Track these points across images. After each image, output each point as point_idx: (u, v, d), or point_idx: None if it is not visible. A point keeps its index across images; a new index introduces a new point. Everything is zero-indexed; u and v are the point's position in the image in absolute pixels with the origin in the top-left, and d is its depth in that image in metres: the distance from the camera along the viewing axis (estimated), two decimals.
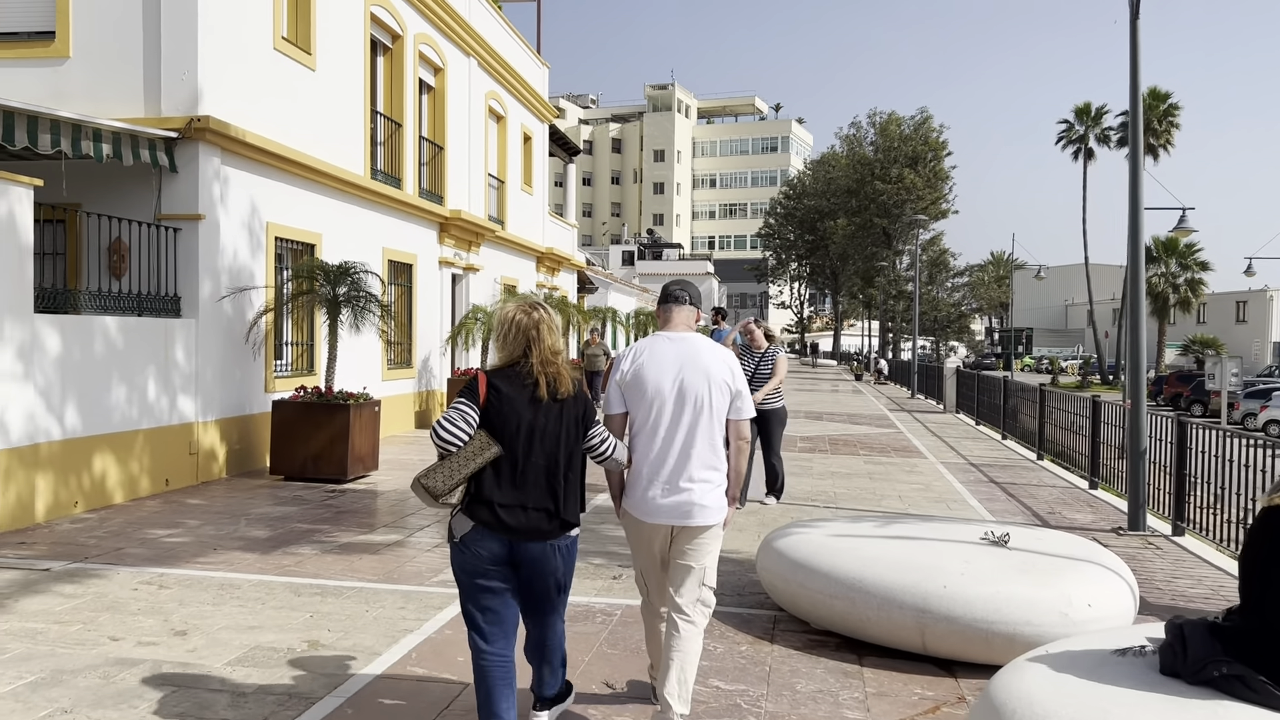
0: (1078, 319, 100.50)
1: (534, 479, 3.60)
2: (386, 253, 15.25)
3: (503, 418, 3.57)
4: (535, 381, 3.62)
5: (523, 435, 3.58)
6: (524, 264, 23.24)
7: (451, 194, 18.01)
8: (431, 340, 17.09)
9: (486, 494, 3.55)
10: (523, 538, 3.59)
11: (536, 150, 24.16)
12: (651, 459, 4.03)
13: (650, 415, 4.03)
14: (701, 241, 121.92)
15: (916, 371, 30.83)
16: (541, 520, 3.61)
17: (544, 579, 3.70)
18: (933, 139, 58.11)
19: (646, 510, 4.03)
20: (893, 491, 11.27)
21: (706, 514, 4.03)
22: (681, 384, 4.02)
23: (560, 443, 3.66)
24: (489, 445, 3.54)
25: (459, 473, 3.49)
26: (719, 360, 4.12)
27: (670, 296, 4.23)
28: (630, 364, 4.10)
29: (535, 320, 3.67)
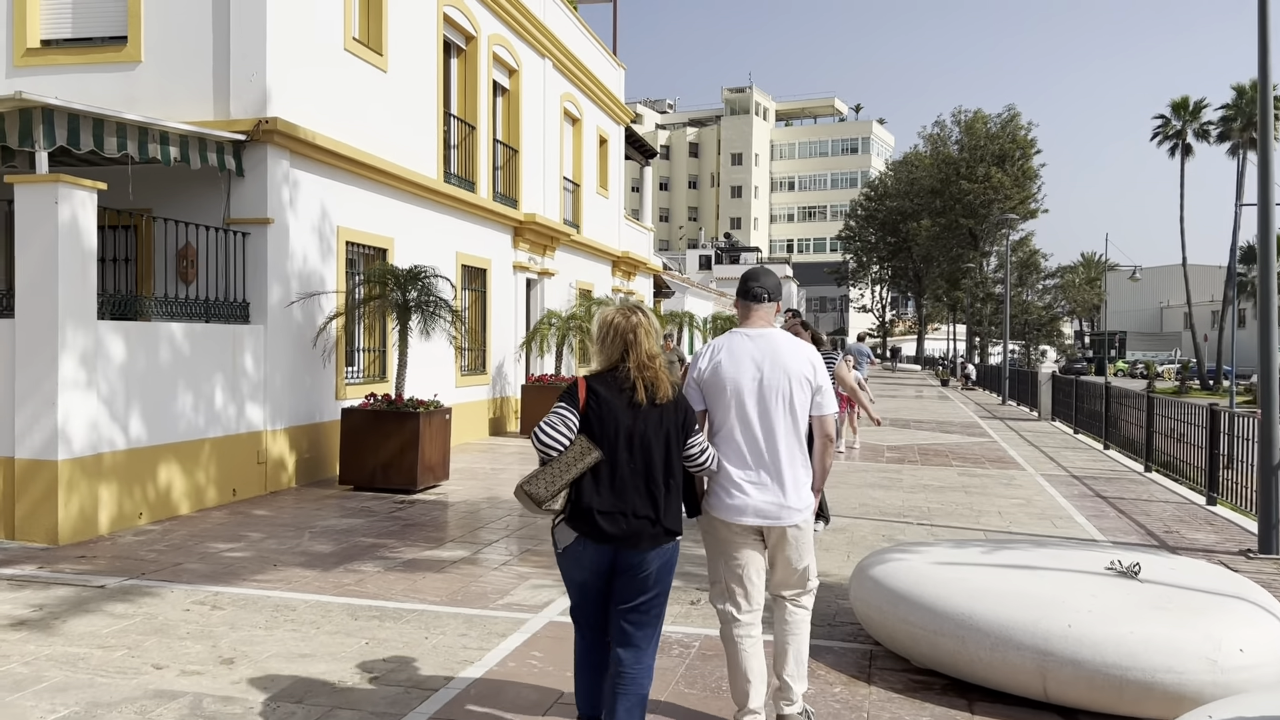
0: (1173, 322, 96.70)
1: (634, 485, 3.55)
2: (460, 257, 14.99)
3: (602, 423, 3.54)
4: (633, 386, 3.58)
5: (622, 440, 3.54)
6: (599, 268, 22.87)
7: (526, 197, 17.71)
8: (506, 346, 16.80)
9: (586, 501, 3.50)
10: (623, 545, 3.53)
11: (612, 153, 23.79)
12: (735, 459, 3.94)
13: (730, 413, 3.96)
14: (780, 245, 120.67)
15: (1008, 377, 29.61)
16: (643, 527, 3.54)
17: (639, 588, 3.61)
18: (1020, 137, 56.20)
19: (732, 511, 3.94)
20: (991, 507, 10.53)
21: (794, 513, 3.96)
22: (762, 381, 3.95)
23: (660, 448, 3.60)
24: (589, 450, 3.50)
25: (561, 478, 3.45)
26: (799, 355, 4.03)
27: (749, 294, 4.12)
28: (708, 361, 4.03)
29: (633, 324, 3.64)
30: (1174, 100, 62.32)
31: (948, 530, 9.09)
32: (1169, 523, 9.87)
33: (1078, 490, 11.96)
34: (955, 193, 55.90)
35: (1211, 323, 73.73)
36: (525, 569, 7.22)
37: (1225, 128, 59.75)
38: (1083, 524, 9.66)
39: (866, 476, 12.60)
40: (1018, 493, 11.58)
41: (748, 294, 4.11)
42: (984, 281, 56.04)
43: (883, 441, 17.03)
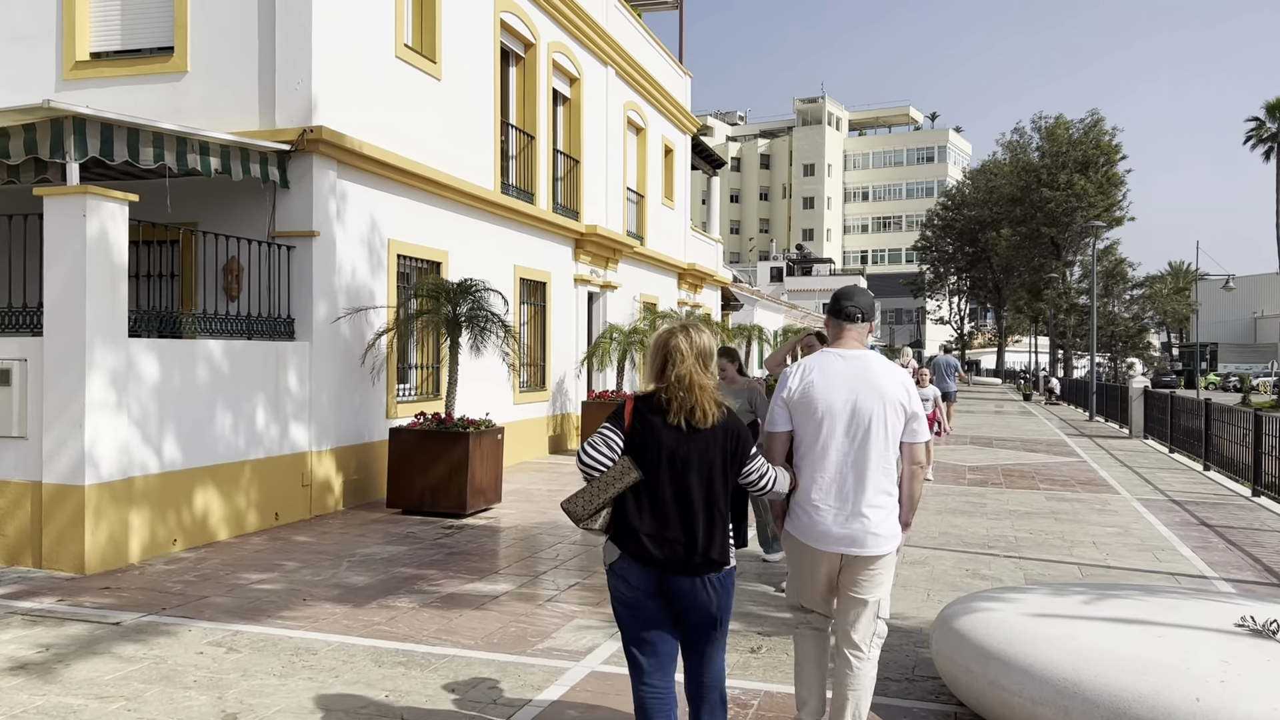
0: (1268, 333, 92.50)
1: (674, 510, 3.45)
2: (518, 270, 14.55)
3: (644, 444, 3.46)
4: (691, 414, 3.46)
5: (664, 463, 3.45)
6: (665, 281, 22.30)
7: (587, 209, 17.24)
8: (566, 361, 16.31)
9: (629, 522, 3.46)
10: (668, 570, 3.45)
11: (678, 163, 23.23)
12: (822, 483, 3.84)
13: (820, 436, 3.84)
14: (853, 256, 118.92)
15: (1095, 391, 28.20)
16: (682, 553, 3.44)
17: (695, 613, 3.51)
18: (1104, 142, 54.24)
19: (816, 537, 3.85)
20: (1084, 536, 9.65)
21: (880, 542, 3.83)
22: (855, 404, 3.83)
23: (702, 475, 3.46)
24: (629, 471, 3.43)
25: (599, 497, 3.43)
26: (894, 380, 3.90)
27: (841, 313, 4.00)
28: (799, 381, 3.91)
29: (674, 344, 3.51)
30: (1268, 101, 59.67)
31: (1038, 564, 8.27)
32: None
33: (1179, 517, 10.97)
34: (1036, 200, 54.14)
35: None
36: (572, 606, 6.64)
37: None
38: (1188, 556, 8.74)
39: (947, 501, 11.77)
40: (1113, 520, 10.65)
41: (840, 313, 3.99)
42: (1067, 292, 54.12)
43: (964, 462, 16.11)
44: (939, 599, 6.97)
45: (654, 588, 3.48)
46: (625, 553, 3.48)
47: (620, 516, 3.48)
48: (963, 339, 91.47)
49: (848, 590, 3.90)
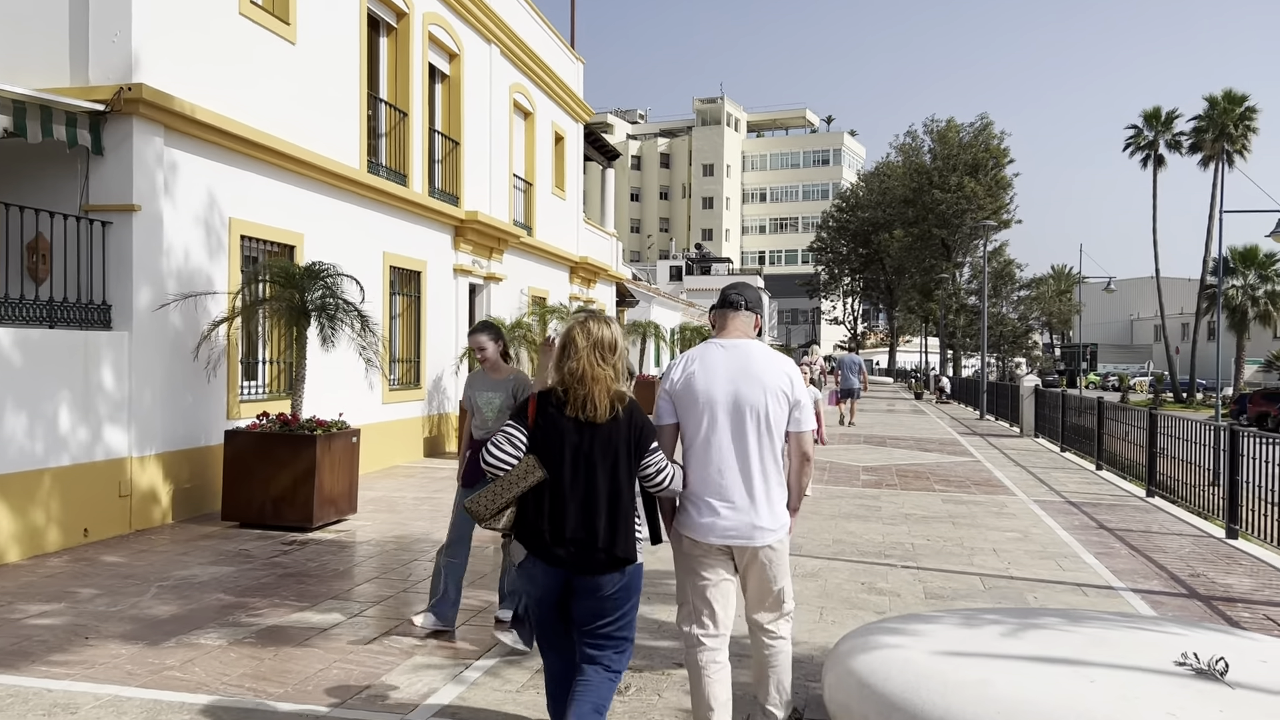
0: (1143, 334, 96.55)
1: (578, 507, 3.39)
2: (389, 258, 13.42)
3: (547, 440, 3.41)
4: (584, 408, 3.42)
5: (567, 460, 3.40)
6: (555, 274, 21.35)
7: (469, 194, 16.18)
8: (445, 358, 15.23)
9: (532, 521, 3.41)
10: (574, 569, 3.40)
11: (570, 151, 22.30)
12: (707, 475, 3.77)
13: (703, 427, 3.79)
14: (752, 257, 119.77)
15: (986, 390, 28.31)
16: (587, 552, 3.38)
17: (595, 612, 3.45)
18: (993, 146, 55.35)
19: (701, 530, 3.78)
20: (984, 542, 9.09)
21: (767, 534, 3.79)
22: (736, 393, 3.78)
23: (605, 469, 3.42)
24: (534, 470, 3.38)
25: (502, 497, 3.38)
26: (776, 368, 3.84)
27: (725, 301, 3.98)
28: (681, 373, 3.86)
29: (571, 336, 3.48)
30: (1146, 110, 61.86)
31: (938, 575, 7.63)
32: (1190, 561, 8.47)
33: (1077, 520, 10.56)
34: (928, 202, 54.93)
35: (1182, 335, 73.29)
36: (413, 640, 5.67)
37: (1197, 139, 59.25)
38: (1092, 564, 8.24)
39: (841, 505, 11.13)
40: (1012, 524, 10.15)
41: (725, 301, 3.96)
42: (957, 293, 55.03)
43: (858, 462, 15.60)
44: (833, 619, 6.24)
45: (560, 586, 3.42)
46: (532, 552, 3.41)
47: (525, 515, 3.41)
48: (856, 339, 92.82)
49: (747, 582, 3.88)
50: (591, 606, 3.44)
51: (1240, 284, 57.04)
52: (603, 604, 3.44)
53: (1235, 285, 57.34)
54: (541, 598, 3.47)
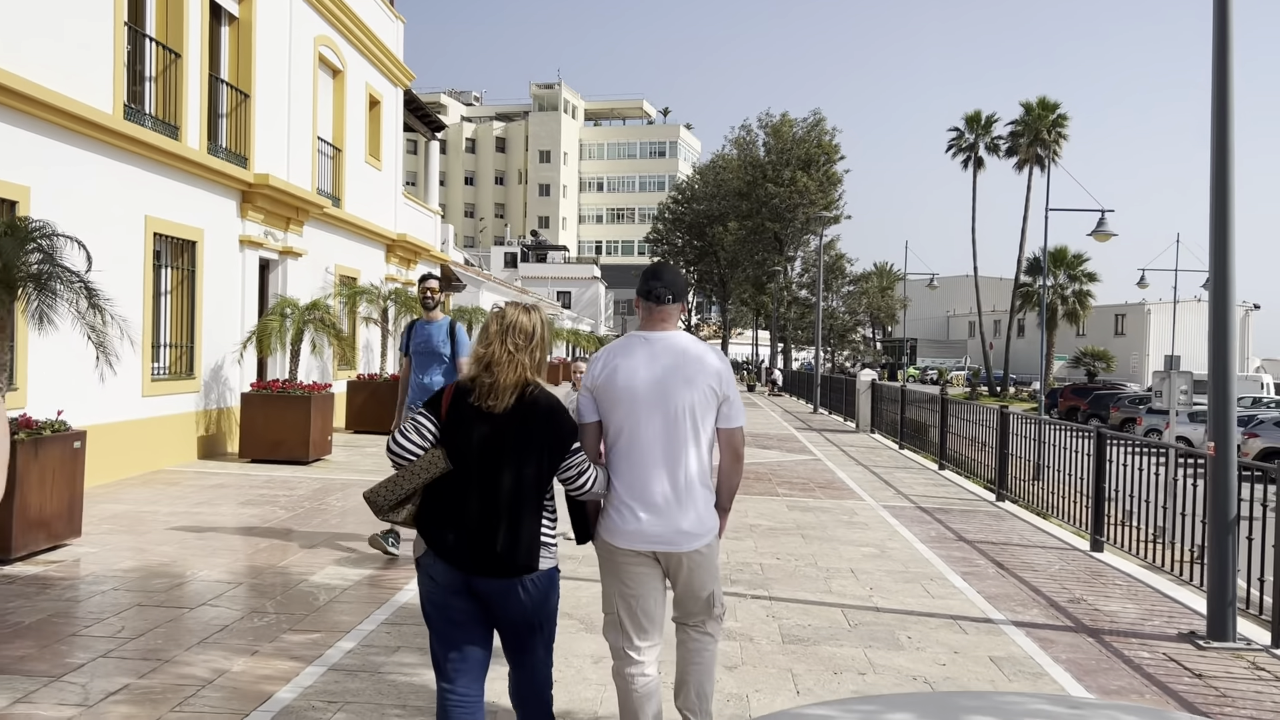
0: (959, 330, 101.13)
1: (478, 505, 3.15)
2: (152, 223, 11.26)
3: (454, 433, 3.21)
4: (486, 397, 3.20)
5: (473, 454, 3.18)
6: (369, 252, 19.32)
7: (261, 155, 14.07)
8: (226, 343, 13.12)
9: (433, 516, 3.20)
10: (470, 570, 3.16)
11: (387, 118, 20.27)
12: (631, 476, 3.51)
13: (626, 425, 3.52)
14: (589, 246, 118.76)
15: (820, 384, 27.91)
16: (480, 554, 3.14)
17: (508, 618, 3.23)
18: (825, 142, 56.03)
19: (626, 536, 3.52)
20: (839, 560, 7.98)
21: (694, 538, 3.54)
22: (661, 389, 3.52)
23: (512, 467, 3.17)
24: (438, 462, 3.18)
25: (402, 488, 3.18)
26: (704, 362, 3.58)
27: (649, 294, 3.65)
28: (602, 367, 3.59)
29: (486, 323, 3.33)
30: (967, 114, 64.11)
31: (795, 608, 6.41)
32: (1066, 584, 7.58)
33: (934, 530, 9.64)
34: (762, 195, 55.05)
35: (995, 331, 76.87)
36: None
37: (1013, 143, 61.81)
38: (962, 588, 7.23)
39: None
40: (866, 536, 9.12)
41: (648, 294, 3.64)
42: (788, 286, 55.42)
43: None
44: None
45: (461, 586, 3.19)
46: (430, 547, 3.21)
47: (426, 509, 3.22)
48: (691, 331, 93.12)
49: (676, 589, 3.69)
50: (505, 612, 3.20)
51: (1051, 283, 59.92)
52: (517, 610, 3.19)
53: (1048, 285, 60.28)
54: (438, 598, 3.22)
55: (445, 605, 3.21)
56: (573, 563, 7.26)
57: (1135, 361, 72.83)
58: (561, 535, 4.50)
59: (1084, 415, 41.39)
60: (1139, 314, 73.95)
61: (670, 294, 3.62)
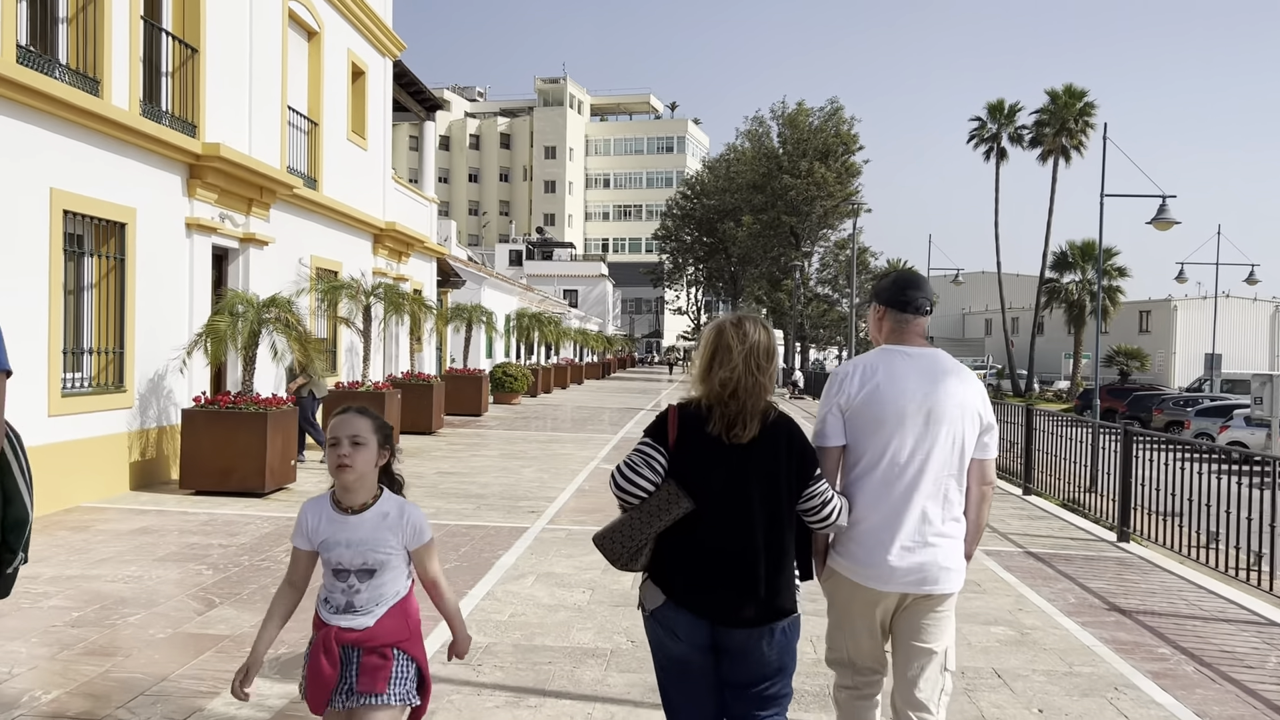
0: (975, 328, 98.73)
1: (728, 546, 2.82)
2: (60, 199, 8.97)
3: (690, 465, 2.86)
4: (730, 426, 2.87)
5: (715, 489, 2.84)
6: (353, 242, 17.04)
7: (214, 123, 11.79)
8: (166, 346, 10.83)
9: (677, 560, 2.86)
10: (721, 621, 2.82)
11: (374, 91, 17.98)
12: (886, 508, 3.17)
13: (887, 452, 3.18)
14: (595, 244, 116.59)
15: None
16: (738, 601, 2.82)
17: (750, 673, 2.88)
18: (844, 131, 53.68)
19: (877, 575, 3.16)
20: (972, 654, 5.67)
21: (951, 578, 3.20)
22: (929, 413, 3.19)
23: (763, 501, 2.86)
24: (677, 500, 2.82)
25: (640, 533, 2.84)
26: (971, 383, 3.29)
27: (907, 305, 3.31)
28: (859, 384, 3.24)
29: (723, 341, 2.95)
30: (990, 103, 61.70)
31: None
32: None
33: (1071, 594, 7.31)
34: (777, 188, 52.72)
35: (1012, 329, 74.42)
36: None
37: (1038, 133, 59.42)
38: (1168, 706, 4.93)
39: None
40: (988, 606, 6.80)
41: (906, 304, 3.31)
42: (806, 282, 53.05)
43: None
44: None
45: (705, 640, 2.86)
46: (671, 598, 2.84)
47: (664, 554, 2.87)
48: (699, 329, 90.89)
49: (910, 640, 3.25)
50: (747, 667, 2.86)
51: (1079, 279, 57.54)
52: (761, 663, 2.86)
53: (1074, 280, 57.89)
54: (680, 655, 2.87)
55: (687, 662, 2.88)
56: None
57: (1161, 360, 70.42)
58: None
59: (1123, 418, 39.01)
60: (1165, 311, 71.41)
61: (930, 304, 3.36)
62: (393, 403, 14.31)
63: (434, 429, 16.91)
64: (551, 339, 35.48)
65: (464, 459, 13.80)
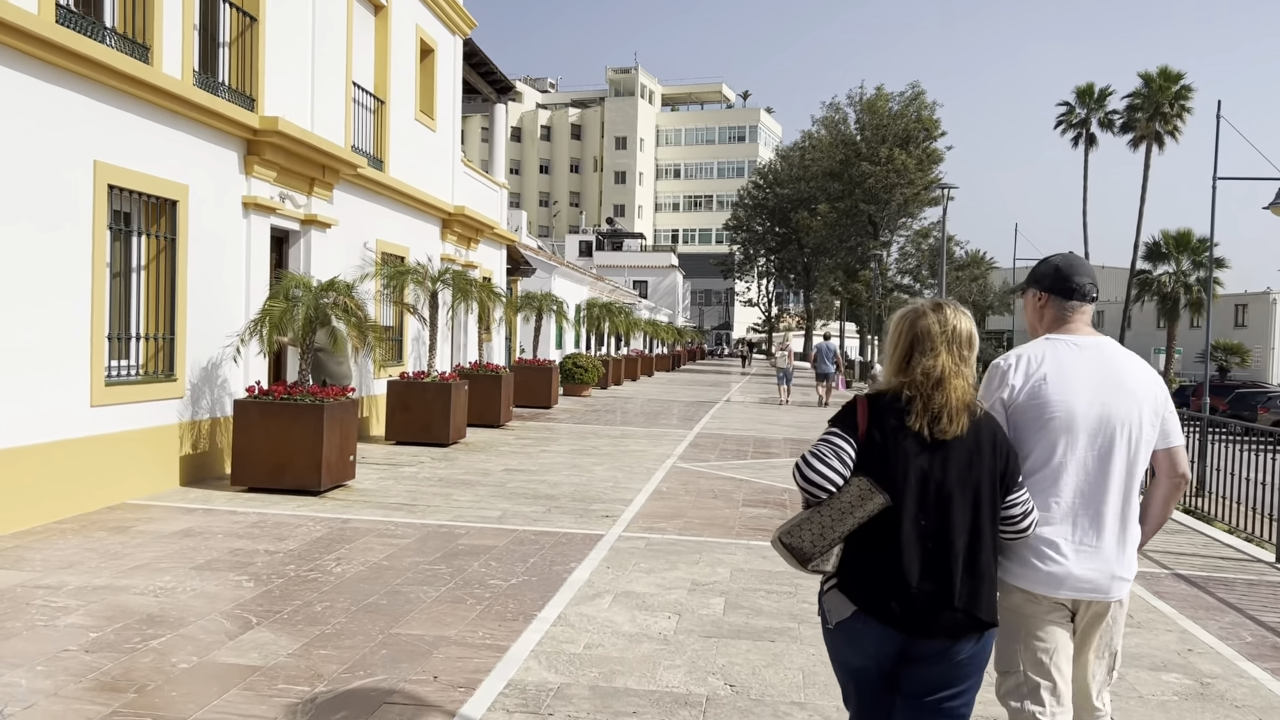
0: None
1: (926, 551, 2.64)
2: (105, 173, 8.33)
3: (886, 460, 2.67)
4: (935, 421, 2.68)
5: (912, 486, 2.65)
6: (420, 226, 16.36)
7: (274, 96, 11.13)
8: (221, 332, 10.19)
9: (868, 565, 2.66)
10: (918, 632, 2.64)
11: (443, 70, 17.26)
12: (1057, 511, 2.98)
13: (1057, 451, 2.97)
14: (665, 235, 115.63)
15: None
16: (935, 611, 2.63)
17: (929, 685, 2.70)
18: (925, 116, 51.82)
19: (1048, 582, 2.96)
20: (1144, 709, 4.64)
21: (1126, 583, 3.05)
22: (1103, 409, 2.97)
23: (966, 504, 2.67)
24: (871, 494, 2.62)
25: (833, 530, 2.63)
26: (1147, 375, 3.05)
27: (1073, 291, 3.11)
28: (1024, 378, 3.01)
29: (923, 326, 2.77)
30: (1079, 87, 59.29)
31: None
32: None
33: (1245, 629, 6.21)
34: (855, 175, 51.12)
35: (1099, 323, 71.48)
36: None
37: (1129, 118, 56.89)
38: None
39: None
40: (1153, 646, 5.74)
41: (1073, 291, 3.10)
42: (884, 273, 51.39)
43: None
44: None
45: (896, 652, 2.69)
46: (862, 608, 2.65)
47: (853, 559, 2.68)
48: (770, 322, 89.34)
49: (1084, 648, 3.09)
50: (934, 674, 2.69)
51: (1173, 270, 54.85)
52: (949, 673, 2.68)
53: (1168, 271, 55.22)
54: (867, 667, 2.72)
55: (873, 677, 2.74)
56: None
57: (1259, 355, 67.07)
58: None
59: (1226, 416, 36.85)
60: (1263, 304, 67.93)
61: (1095, 289, 3.14)
62: (459, 395, 13.56)
63: (502, 422, 16.16)
64: (622, 329, 34.66)
65: (533, 455, 13.01)
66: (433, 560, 7.03)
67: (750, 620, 5.88)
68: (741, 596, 6.40)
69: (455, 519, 8.54)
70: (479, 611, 5.82)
